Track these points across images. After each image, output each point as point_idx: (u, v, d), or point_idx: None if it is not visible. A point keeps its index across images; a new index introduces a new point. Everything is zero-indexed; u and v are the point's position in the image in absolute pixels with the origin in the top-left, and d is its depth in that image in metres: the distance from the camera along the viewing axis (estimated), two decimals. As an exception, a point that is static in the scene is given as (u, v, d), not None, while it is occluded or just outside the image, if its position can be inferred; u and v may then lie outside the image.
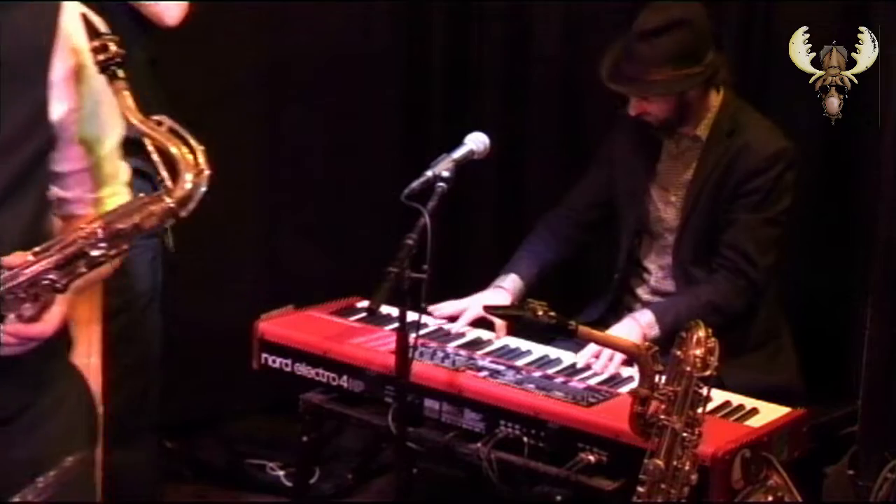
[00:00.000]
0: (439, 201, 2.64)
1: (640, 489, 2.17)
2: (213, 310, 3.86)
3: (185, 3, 3.01)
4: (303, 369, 2.96)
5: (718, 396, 2.64)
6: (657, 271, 3.22)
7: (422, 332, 2.71)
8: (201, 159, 1.89)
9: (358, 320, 3.09)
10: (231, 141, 3.96)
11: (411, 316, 2.55)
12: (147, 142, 1.97)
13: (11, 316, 1.83)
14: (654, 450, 2.18)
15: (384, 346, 2.88)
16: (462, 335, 3.05)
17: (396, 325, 2.59)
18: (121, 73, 1.90)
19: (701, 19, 3.03)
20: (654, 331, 2.86)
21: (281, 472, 3.67)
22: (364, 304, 3.15)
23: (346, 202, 4.18)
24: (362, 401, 2.88)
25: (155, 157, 2.15)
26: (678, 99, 3.02)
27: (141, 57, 3.09)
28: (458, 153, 2.78)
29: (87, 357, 2.61)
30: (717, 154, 3.06)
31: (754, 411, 2.67)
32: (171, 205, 1.88)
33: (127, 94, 1.91)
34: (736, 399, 2.72)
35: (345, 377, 2.89)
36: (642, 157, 3.19)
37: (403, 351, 2.55)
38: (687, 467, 2.16)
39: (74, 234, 1.86)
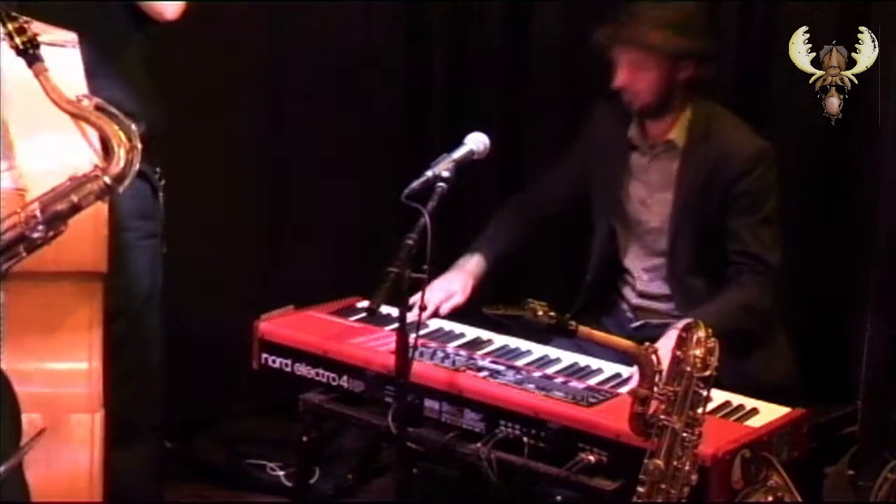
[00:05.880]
0: (439, 201, 2.64)
1: (640, 489, 2.18)
2: (213, 310, 3.86)
3: None
4: (303, 369, 2.96)
5: (718, 396, 2.64)
6: (642, 274, 3.22)
7: (422, 332, 2.71)
8: (133, 135, 1.89)
9: (358, 320, 3.09)
10: (231, 141, 3.97)
11: (411, 316, 2.55)
12: (77, 122, 1.97)
13: None
14: (654, 450, 2.18)
15: (384, 346, 2.88)
16: (462, 335, 3.06)
17: (396, 325, 2.59)
18: (41, 54, 1.90)
19: (703, 10, 3.11)
20: None
21: (281, 472, 3.67)
22: (364, 304, 3.15)
23: (346, 202, 4.18)
24: (362, 401, 2.88)
25: (90, 134, 2.13)
26: (665, 78, 3.02)
27: (136, 55, 3.09)
28: (458, 153, 2.78)
29: (88, 361, 2.60)
30: (697, 162, 3.06)
31: (754, 411, 2.67)
32: (108, 181, 1.88)
33: (50, 75, 1.91)
34: (736, 399, 2.72)
35: (345, 377, 2.89)
36: (618, 157, 3.20)
37: (403, 351, 2.55)
38: (687, 467, 2.16)
39: (13, 220, 1.86)
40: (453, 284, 3.14)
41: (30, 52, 1.88)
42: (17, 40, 1.88)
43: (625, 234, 3.23)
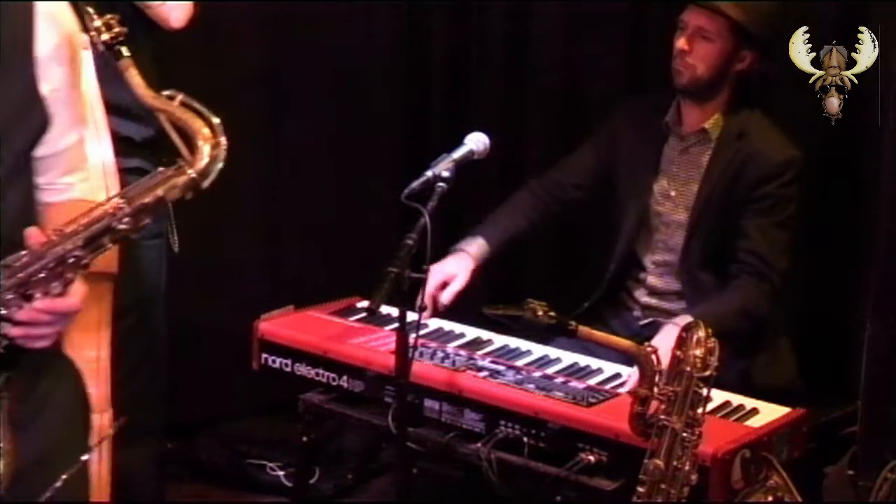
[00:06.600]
0: (439, 201, 2.64)
1: (640, 489, 2.18)
2: (213, 310, 3.86)
3: (190, 5, 3.02)
4: (303, 369, 2.96)
5: (718, 396, 2.64)
6: (653, 268, 3.22)
7: (422, 332, 2.71)
8: (218, 130, 1.91)
9: (358, 320, 3.09)
10: (231, 141, 3.96)
11: (411, 316, 2.55)
12: (161, 116, 1.98)
13: (38, 295, 1.84)
14: (654, 450, 2.18)
15: (384, 346, 2.88)
16: (462, 335, 3.06)
17: (396, 325, 2.59)
18: (125, 51, 1.91)
19: (782, 11, 3.09)
20: None
21: (281, 472, 3.67)
22: (364, 304, 3.15)
23: (346, 202, 4.18)
24: (362, 401, 2.88)
25: (171, 131, 2.15)
26: (724, 57, 3.04)
27: (144, 57, 3.09)
28: (458, 153, 2.78)
29: (97, 361, 2.60)
30: (727, 158, 3.08)
31: (754, 411, 2.67)
32: (193, 176, 1.90)
33: (135, 71, 1.92)
34: (736, 399, 2.72)
35: (345, 377, 2.89)
36: (647, 149, 3.21)
37: (403, 351, 2.55)
38: (687, 467, 2.16)
39: (100, 212, 1.87)
40: (449, 267, 3.09)
41: (115, 49, 1.90)
42: (105, 36, 1.90)
43: (643, 226, 3.23)
